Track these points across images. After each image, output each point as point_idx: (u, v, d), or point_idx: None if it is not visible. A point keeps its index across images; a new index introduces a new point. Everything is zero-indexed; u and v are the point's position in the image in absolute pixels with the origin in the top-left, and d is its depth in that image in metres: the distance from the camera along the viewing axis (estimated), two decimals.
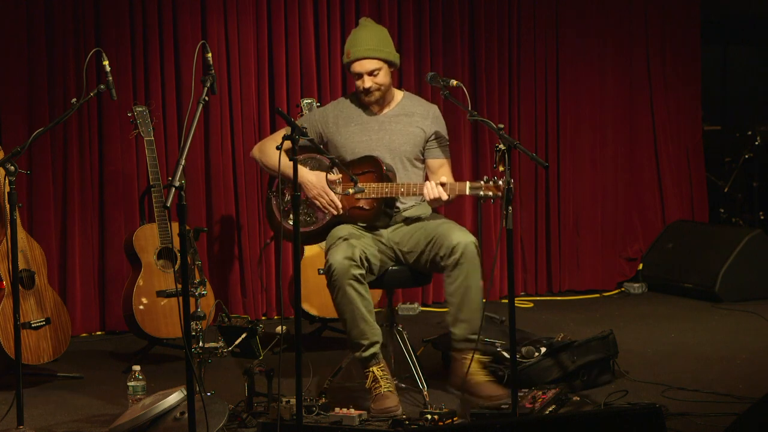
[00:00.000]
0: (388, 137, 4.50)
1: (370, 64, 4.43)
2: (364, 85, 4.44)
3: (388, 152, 4.48)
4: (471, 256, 4.21)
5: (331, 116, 4.59)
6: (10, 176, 4.00)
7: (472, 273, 4.22)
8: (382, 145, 4.48)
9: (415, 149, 4.51)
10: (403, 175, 4.48)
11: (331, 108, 4.65)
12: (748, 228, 7.05)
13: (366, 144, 4.50)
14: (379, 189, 4.34)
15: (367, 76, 4.43)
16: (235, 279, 6.13)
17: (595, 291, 6.92)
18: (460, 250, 4.20)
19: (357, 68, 4.44)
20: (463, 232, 4.28)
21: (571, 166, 6.92)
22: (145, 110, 5.26)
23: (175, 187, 3.36)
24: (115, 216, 5.86)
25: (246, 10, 6.08)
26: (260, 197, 6.17)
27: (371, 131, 4.51)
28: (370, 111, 4.55)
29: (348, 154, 4.51)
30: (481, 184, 4.13)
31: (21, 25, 5.64)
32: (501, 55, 6.71)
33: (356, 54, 4.44)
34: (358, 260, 4.21)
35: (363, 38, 4.46)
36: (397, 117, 4.53)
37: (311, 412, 4.08)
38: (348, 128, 4.53)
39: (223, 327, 4.18)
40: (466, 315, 4.25)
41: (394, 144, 4.49)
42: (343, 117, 4.56)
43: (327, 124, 4.57)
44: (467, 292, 4.23)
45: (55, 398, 4.65)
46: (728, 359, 5.08)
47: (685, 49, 7.21)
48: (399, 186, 4.33)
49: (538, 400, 4.17)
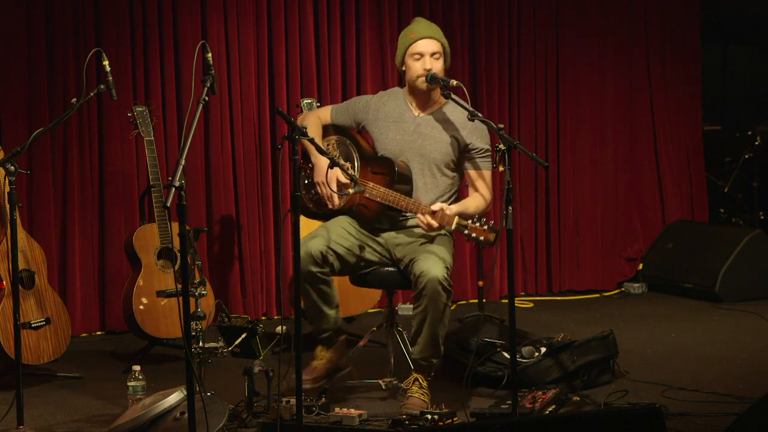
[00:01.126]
0: (420, 141, 4.44)
1: (434, 45, 4.40)
2: (425, 65, 4.38)
3: (418, 156, 4.44)
4: (431, 290, 4.17)
5: (373, 106, 4.54)
6: (10, 176, 4.00)
7: (430, 306, 4.19)
8: (413, 148, 4.44)
9: (446, 157, 4.43)
10: (430, 182, 4.43)
11: (377, 98, 4.59)
12: (748, 228, 7.05)
13: (398, 143, 4.46)
14: (384, 195, 4.33)
15: (429, 57, 4.39)
16: (235, 279, 6.13)
17: (595, 291, 6.92)
18: (423, 282, 4.18)
19: (421, 47, 4.38)
20: (436, 264, 4.20)
21: (571, 166, 6.92)
22: (145, 110, 5.26)
23: (175, 187, 3.36)
24: (115, 216, 5.86)
25: (246, 10, 6.08)
26: (260, 197, 6.17)
27: (406, 132, 4.46)
28: (410, 111, 4.49)
29: (380, 148, 4.49)
30: (467, 223, 4.13)
31: (21, 25, 5.63)
32: (501, 55, 6.70)
33: (422, 33, 4.41)
34: (319, 257, 4.26)
35: (425, 24, 4.47)
36: (434, 122, 4.45)
37: (311, 412, 4.08)
38: (386, 123, 4.49)
39: (223, 327, 4.18)
40: (421, 340, 4.27)
41: (425, 149, 4.44)
42: (384, 110, 4.52)
43: (368, 112, 4.53)
44: (423, 321, 4.23)
45: (55, 398, 4.65)
46: (728, 359, 5.08)
47: (685, 49, 7.21)
48: (402, 199, 4.32)
49: (538, 400, 4.17)
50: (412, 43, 4.41)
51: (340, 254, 4.35)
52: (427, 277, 4.17)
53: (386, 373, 4.54)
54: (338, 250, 4.34)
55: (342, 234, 4.39)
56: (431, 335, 4.25)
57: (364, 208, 4.42)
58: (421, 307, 4.22)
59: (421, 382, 4.30)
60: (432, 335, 4.25)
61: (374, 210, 4.40)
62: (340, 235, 4.38)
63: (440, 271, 4.19)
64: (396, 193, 4.33)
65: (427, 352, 4.28)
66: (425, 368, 4.31)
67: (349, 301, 5.45)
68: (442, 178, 4.45)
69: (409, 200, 4.32)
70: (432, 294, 4.17)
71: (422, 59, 4.39)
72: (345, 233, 4.40)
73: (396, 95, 4.56)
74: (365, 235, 4.44)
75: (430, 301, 4.18)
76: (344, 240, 4.37)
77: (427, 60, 4.38)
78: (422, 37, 4.40)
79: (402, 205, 4.32)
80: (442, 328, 4.26)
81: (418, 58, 4.39)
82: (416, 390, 4.28)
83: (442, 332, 4.28)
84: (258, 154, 6.15)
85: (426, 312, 4.21)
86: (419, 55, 4.39)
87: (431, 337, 4.25)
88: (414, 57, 4.40)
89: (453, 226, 4.18)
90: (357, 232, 4.43)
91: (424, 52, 4.38)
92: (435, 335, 4.25)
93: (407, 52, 4.42)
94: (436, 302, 4.18)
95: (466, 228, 4.12)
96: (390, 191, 4.33)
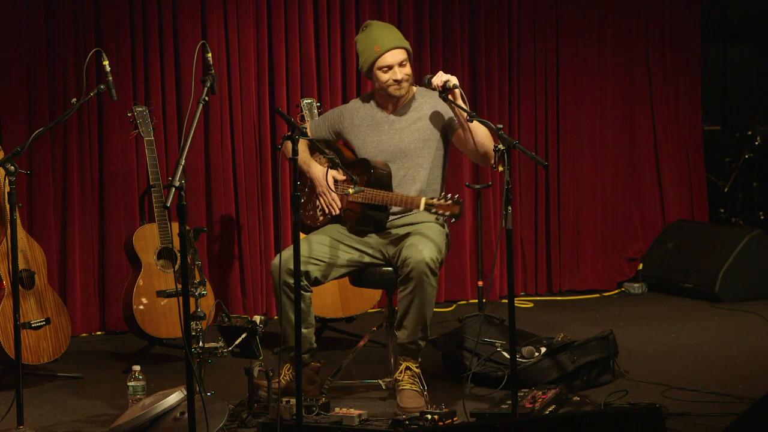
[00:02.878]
0: (398, 137, 4.48)
1: (401, 55, 4.41)
2: (396, 77, 4.40)
3: (399, 152, 4.47)
4: (418, 273, 4.18)
5: (347, 114, 4.59)
6: (10, 176, 4.00)
7: (418, 288, 4.20)
8: (391, 147, 4.48)
9: (428, 143, 4.47)
10: (414, 172, 4.45)
11: (350, 106, 4.65)
12: (748, 228, 7.05)
13: (376, 145, 4.50)
14: (373, 196, 4.35)
15: (398, 67, 4.41)
16: (235, 279, 6.13)
17: (595, 291, 6.91)
18: (410, 265, 4.19)
19: (389, 60, 4.40)
20: (424, 246, 4.22)
21: (571, 166, 6.92)
22: (145, 110, 5.26)
23: (175, 187, 3.36)
24: (115, 216, 5.86)
25: (246, 10, 6.08)
26: (260, 197, 6.17)
27: (382, 132, 4.51)
28: (381, 111, 4.53)
29: (361, 153, 4.53)
30: (433, 201, 4.15)
31: (21, 25, 5.64)
32: (501, 55, 6.70)
33: (387, 45, 4.41)
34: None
35: (384, 32, 4.46)
36: (408, 115, 4.49)
37: (311, 412, 4.08)
38: (361, 128, 4.53)
39: (223, 327, 4.18)
40: (408, 323, 4.27)
41: (403, 143, 4.47)
42: (359, 116, 4.56)
43: (343, 120, 4.58)
44: (410, 303, 4.23)
45: (55, 398, 4.65)
46: (728, 359, 5.08)
47: (685, 49, 7.21)
48: (385, 195, 4.34)
49: (538, 400, 4.17)
50: (378, 56, 4.41)
51: (323, 263, 4.36)
52: (414, 259, 4.18)
53: (386, 373, 4.54)
54: (322, 258, 4.36)
55: (325, 242, 4.40)
56: (419, 318, 4.24)
57: (349, 212, 4.45)
58: (408, 289, 4.22)
59: (412, 368, 4.30)
60: (420, 318, 4.24)
61: (357, 212, 4.42)
62: (323, 243, 4.39)
63: (428, 252, 4.20)
64: (377, 190, 4.36)
65: (415, 335, 4.28)
66: (413, 351, 4.31)
67: (349, 301, 5.45)
68: (438, 153, 4.48)
69: (393, 194, 4.34)
70: (419, 276, 4.18)
71: (391, 70, 4.41)
72: (329, 240, 4.41)
73: (367, 100, 4.60)
74: (354, 239, 4.45)
75: (418, 283, 4.19)
76: (327, 249, 4.38)
77: (397, 70, 4.41)
78: (388, 49, 4.41)
79: (387, 201, 4.34)
80: (429, 310, 4.26)
81: (386, 71, 4.42)
82: (407, 380, 4.27)
83: (430, 314, 4.28)
84: (258, 154, 6.15)
85: (413, 294, 4.21)
86: (387, 67, 4.42)
87: (420, 320, 4.25)
88: (382, 69, 4.43)
89: (421, 207, 4.19)
90: (346, 237, 4.45)
91: (393, 64, 4.41)
92: (423, 317, 4.25)
93: (375, 64, 4.43)
94: (423, 284, 4.19)
95: (433, 206, 4.14)
96: (372, 190, 4.35)
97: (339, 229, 4.48)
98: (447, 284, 6.58)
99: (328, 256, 4.38)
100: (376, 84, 4.49)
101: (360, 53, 4.50)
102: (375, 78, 4.47)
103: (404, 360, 4.33)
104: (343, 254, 4.41)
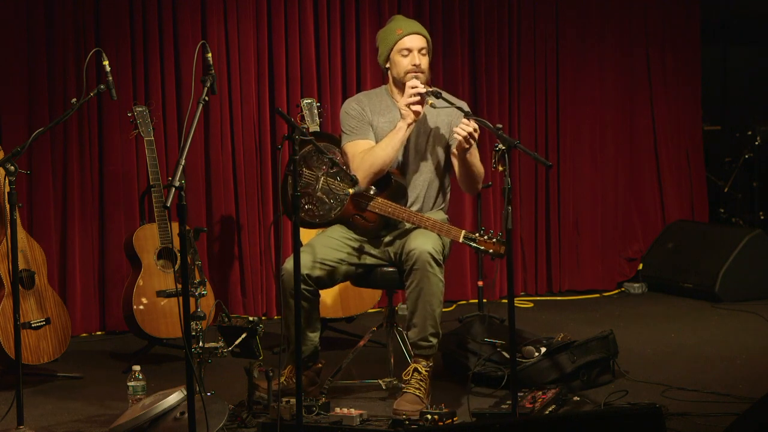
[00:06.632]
0: (413, 138, 4.43)
1: (422, 41, 4.39)
2: (414, 61, 4.37)
3: (413, 152, 4.44)
4: (422, 264, 4.16)
5: (366, 105, 4.51)
6: (10, 176, 4.00)
7: (423, 280, 4.18)
8: (407, 145, 4.43)
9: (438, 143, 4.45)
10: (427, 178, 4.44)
11: (362, 98, 4.56)
12: (748, 228, 7.05)
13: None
14: (392, 209, 4.30)
15: (417, 52, 4.38)
16: (235, 279, 6.13)
17: (595, 291, 6.92)
18: (414, 257, 4.18)
19: (409, 43, 4.37)
20: (426, 240, 4.20)
21: (571, 166, 6.92)
22: (145, 110, 5.26)
23: (175, 187, 3.36)
24: (115, 216, 5.86)
25: (246, 10, 6.08)
26: (260, 197, 6.17)
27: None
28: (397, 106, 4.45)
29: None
30: (475, 236, 4.13)
31: (21, 25, 5.64)
32: (501, 55, 6.71)
33: (409, 29, 4.40)
34: (305, 275, 4.24)
35: (409, 21, 4.47)
36: (423, 116, 4.43)
37: (311, 412, 4.08)
38: (379, 121, 4.48)
39: (223, 327, 4.18)
40: (417, 320, 4.23)
41: (420, 145, 4.45)
42: (378, 108, 4.50)
43: (366, 112, 4.50)
44: (419, 297, 4.20)
45: (55, 398, 4.65)
46: (728, 359, 5.08)
47: (685, 49, 7.21)
48: (404, 211, 4.31)
49: (538, 400, 4.17)
50: (399, 39, 4.38)
51: (330, 266, 4.33)
52: (418, 250, 4.16)
53: (386, 373, 4.54)
54: (328, 263, 4.33)
55: (332, 245, 4.37)
56: (428, 312, 4.20)
57: (362, 220, 4.41)
58: (413, 283, 4.19)
59: (421, 369, 4.25)
60: (428, 312, 4.20)
61: (374, 223, 4.39)
62: (329, 246, 4.36)
63: (431, 244, 4.18)
64: (396, 205, 4.33)
65: (425, 332, 4.23)
66: (425, 349, 4.25)
67: (349, 301, 5.45)
68: (447, 164, 4.46)
69: (411, 212, 4.31)
70: (422, 266, 4.16)
71: (410, 55, 4.38)
72: (336, 243, 4.38)
73: (379, 93, 4.55)
74: (363, 242, 4.42)
75: (423, 274, 4.16)
76: (334, 252, 4.36)
77: (416, 55, 4.38)
78: (410, 33, 4.39)
79: (404, 217, 4.31)
80: (437, 304, 4.22)
81: (406, 54, 4.38)
82: (414, 383, 4.23)
83: (438, 309, 4.23)
84: (258, 154, 6.15)
85: (420, 287, 4.18)
86: (407, 50, 4.38)
87: (428, 314, 4.21)
88: (402, 53, 4.39)
89: (460, 239, 4.16)
90: (353, 240, 4.42)
91: (413, 48, 4.38)
92: (431, 312, 4.21)
93: (394, 48, 4.40)
94: (427, 275, 4.16)
95: (474, 241, 4.12)
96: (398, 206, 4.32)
97: (343, 231, 4.45)
98: (447, 284, 6.51)
99: (335, 260, 4.35)
100: (394, 71, 4.43)
101: (380, 42, 4.47)
102: (393, 65, 4.42)
103: (415, 361, 4.28)
104: (349, 257, 4.39)
